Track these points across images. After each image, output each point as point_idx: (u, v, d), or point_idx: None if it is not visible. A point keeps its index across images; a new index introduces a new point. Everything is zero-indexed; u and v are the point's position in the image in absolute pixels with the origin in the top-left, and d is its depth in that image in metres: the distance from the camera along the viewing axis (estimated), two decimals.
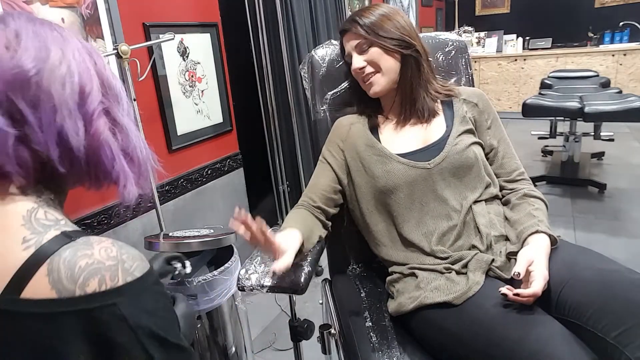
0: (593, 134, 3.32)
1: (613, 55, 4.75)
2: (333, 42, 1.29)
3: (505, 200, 1.07)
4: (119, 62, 1.37)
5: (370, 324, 0.98)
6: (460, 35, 1.31)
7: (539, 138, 3.66)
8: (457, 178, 1.01)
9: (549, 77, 3.81)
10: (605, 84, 3.52)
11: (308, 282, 0.92)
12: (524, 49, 5.38)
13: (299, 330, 1.05)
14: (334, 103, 1.26)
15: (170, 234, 1.43)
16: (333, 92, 1.26)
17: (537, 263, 0.84)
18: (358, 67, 1.05)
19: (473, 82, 1.29)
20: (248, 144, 2.21)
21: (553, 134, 3.47)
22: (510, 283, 0.85)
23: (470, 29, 1.58)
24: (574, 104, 2.80)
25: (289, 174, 2.47)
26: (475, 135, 1.07)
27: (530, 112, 2.91)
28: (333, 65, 1.26)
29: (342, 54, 1.14)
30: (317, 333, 1.09)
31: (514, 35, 5.38)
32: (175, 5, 1.74)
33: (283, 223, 1.01)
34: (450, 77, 1.27)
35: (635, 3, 4.90)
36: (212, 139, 1.96)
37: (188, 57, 1.80)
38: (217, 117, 1.97)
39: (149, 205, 1.58)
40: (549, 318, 0.78)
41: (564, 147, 3.41)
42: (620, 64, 4.73)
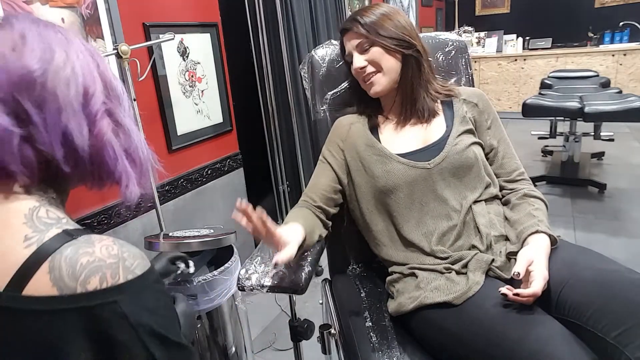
0: (593, 134, 3.32)
1: (613, 55, 4.75)
2: (333, 42, 1.29)
3: (505, 200, 1.07)
4: (119, 62, 1.37)
5: (370, 324, 0.98)
6: (460, 35, 1.31)
7: (539, 138, 3.66)
8: (457, 178, 1.01)
9: (549, 77, 3.81)
10: (605, 84, 3.52)
11: (308, 282, 0.92)
12: (524, 49, 5.38)
13: (299, 330, 1.05)
14: (334, 103, 1.26)
15: (170, 234, 1.43)
16: (333, 92, 1.26)
17: (537, 263, 0.84)
18: (359, 66, 1.05)
19: (473, 82, 1.29)
20: (248, 144, 2.21)
21: (553, 134, 3.47)
22: (510, 283, 0.85)
23: (470, 29, 1.58)
24: (574, 104, 2.80)
25: (289, 174, 2.47)
26: (475, 136, 1.07)
27: (530, 112, 2.91)
28: (333, 65, 1.26)
29: (342, 54, 1.13)
30: (317, 333, 1.09)
31: (514, 35, 5.38)
32: (175, 5, 1.74)
33: (284, 220, 1.01)
34: (450, 77, 1.27)
35: (635, 3, 4.89)
36: (212, 139, 1.96)
37: (188, 57, 1.80)
38: (217, 117, 1.97)
39: (149, 205, 1.58)
40: (549, 318, 0.78)
41: (564, 147, 3.41)
42: (620, 64, 4.73)
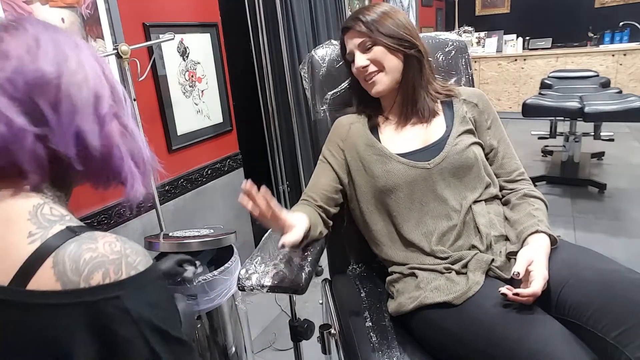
0: (593, 134, 3.32)
1: (613, 55, 4.75)
2: (333, 42, 1.29)
3: (505, 201, 1.07)
4: (119, 62, 1.37)
5: (370, 324, 0.98)
6: (460, 35, 1.31)
7: (539, 138, 3.66)
8: (456, 178, 1.01)
9: (549, 77, 3.81)
10: (605, 84, 3.52)
11: (308, 282, 0.92)
12: (524, 49, 5.38)
13: (299, 330, 1.05)
14: (334, 103, 1.26)
15: (170, 234, 1.43)
16: (333, 92, 1.26)
17: (536, 263, 0.84)
18: (361, 65, 1.04)
19: (473, 82, 1.29)
20: (248, 144, 2.21)
21: (553, 134, 3.47)
22: (510, 283, 0.85)
23: (470, 29, 1.58)
24: (574, 104, 2.80)
25: (289, 174, 2.47)
26: (475, 136, 1.07)
27: (530, 112, 2.91)
28: (333, 65, 1.26)
29: (342, 53, 1.12)
30: (317, 333, 1.09)
31: (514, 35, 5.38)
32: (175, 5, 1.74)
33: None
34: (450, 77, 1.27)
35: (635, 3, 4.89)
36: (212, 139, 1.96)
37: (188, 57, 1.80)
38: (217, 117, 1.97)
39: (149, 205, 1.58)
40: (549, 318, 0.78)
41: (564, 147, 3.41)
42: (620, 64, 4.73)
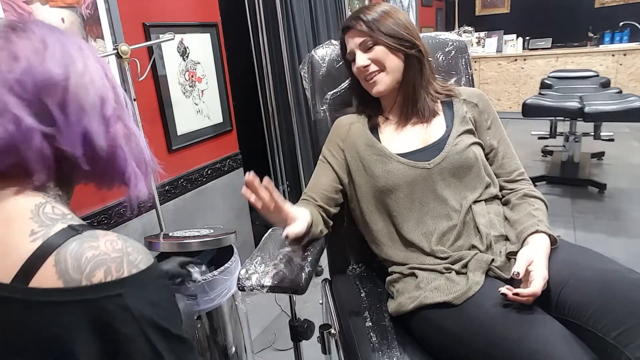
0: (593, 134, 3.32)
1: (613, 55, 4.75)
2: (333, 42, 1.28)
3: (505, 201, 1.07)
4: (119, 62, 1.37)
5: (370, 324, 0.98)
6: (460, 35, 1.31)
7: (539, 138, 3.66)
8: (456, 178, 1.01)
9: (549, 77, 3.81)
10: (605, 84, 3.52)
11: (308, 282, 0.92)
12: (524, 49, 5.38)
13: (299, 330, 1.04)
14: (334, 103, 1.26)
15: (170, 234, 1.43)
16: (333, 92, 1.26)
17: (536, 263, 0.84)
18: (362, 65, 1.04)
19: (473, 82, 1.29)
20: (248, 144, 2.21)
21: (553, 134, 3.47)
22: (510, 283, 0.85)
23: (470, 29, 1.58)
24: (574, 104, 2.80)
25: (289, 174, 2.47)
26: (475, 136, 1.07)
27: (530, 112, 2.91)
28: (333, 65, 1.26)
29: (342, 53, 1.12)
30: (317, 333, 1.09)
31: (514, 35, 5.38)
32: (175, 5, 1.74)
33: None
34: (450, 77, 1.27)
35: (635, 3, 4.89)
36: (212, 139, 1.95)
37: (188, 57, 1.80)
38: (217, 117, 1.97)
39: (149, 205, 1.58)
40: (549, 318, 0.78)
41: (564, 147, 3.41)
42: (620, 64, 4.73)
